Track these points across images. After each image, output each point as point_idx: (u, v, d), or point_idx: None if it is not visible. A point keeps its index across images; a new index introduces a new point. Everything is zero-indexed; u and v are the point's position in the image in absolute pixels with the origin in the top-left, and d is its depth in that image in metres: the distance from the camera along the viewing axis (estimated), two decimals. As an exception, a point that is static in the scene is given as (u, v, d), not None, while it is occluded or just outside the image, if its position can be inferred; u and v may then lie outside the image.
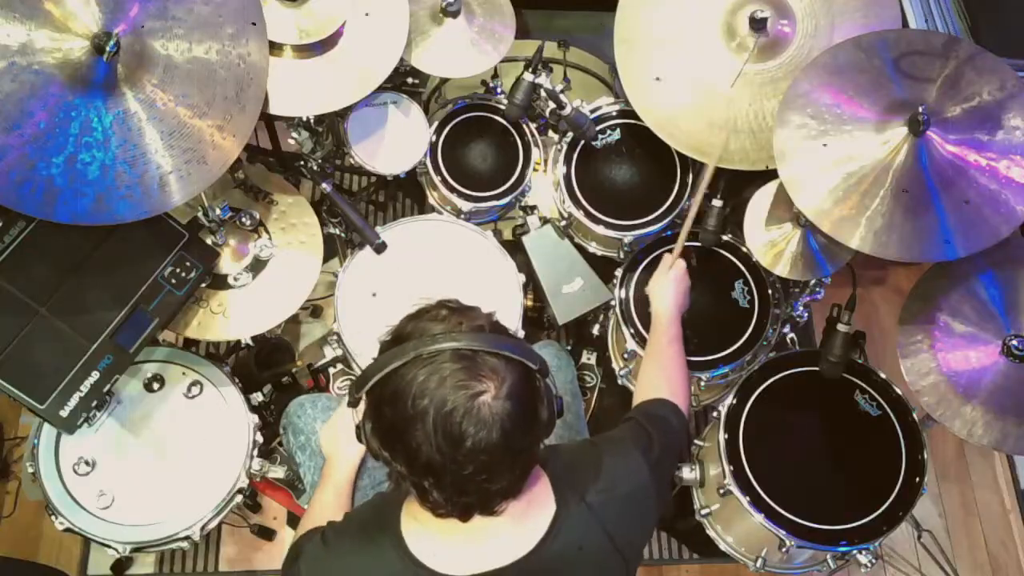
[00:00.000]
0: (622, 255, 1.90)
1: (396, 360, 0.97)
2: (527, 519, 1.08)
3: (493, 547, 1.07)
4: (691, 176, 1.88)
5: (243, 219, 1.73)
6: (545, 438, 1.05)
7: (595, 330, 2.01)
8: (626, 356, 1.85)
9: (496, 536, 1.07)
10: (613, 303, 1.84)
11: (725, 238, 1.84)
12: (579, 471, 1.16)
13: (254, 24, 1.46)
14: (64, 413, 1.44)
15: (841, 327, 1.62)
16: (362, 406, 1.04)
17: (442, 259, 1.80)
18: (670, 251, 1.73)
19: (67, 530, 1.54)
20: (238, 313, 1.68)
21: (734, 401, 1.68)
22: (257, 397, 1.75)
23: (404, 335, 1.02)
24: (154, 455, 1.61)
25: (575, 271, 1.86)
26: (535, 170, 1.93)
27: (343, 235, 1.99)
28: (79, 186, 1.30)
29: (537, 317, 2.20)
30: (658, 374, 1.50)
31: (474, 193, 1.88)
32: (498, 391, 0.96)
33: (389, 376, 0.98)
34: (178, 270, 1.56)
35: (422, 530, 1.07)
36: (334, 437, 1.49)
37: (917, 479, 1.60)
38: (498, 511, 1.04)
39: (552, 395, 1.06)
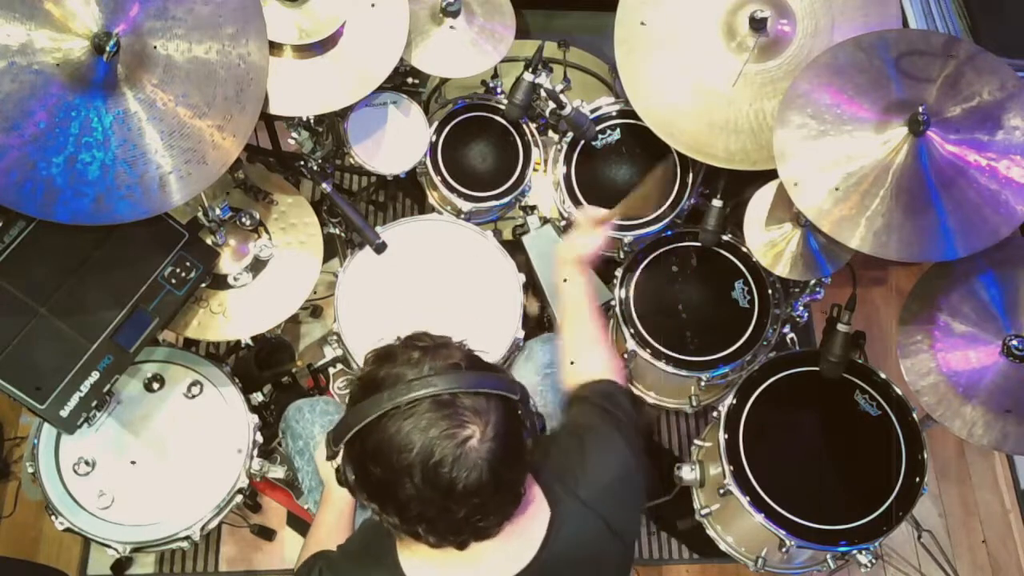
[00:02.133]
0: (622, 255, 1.90)
1: (373, 412, 0.94)
2: (524, 530, 1.07)
3: (494, 564, 1.06)
4: (691, 176, 1.87)
5: (243, 219, 1.73)
6: (533, 461, 1.04)
7: (595, 330, 2.01)
8: (626, 356, 1.85)
9: (495, 554, 1.06)
10: (613, 303, 1.84)
11: (725, 238, 1.84)
12: (567, 470, 1.15)
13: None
14: (64, 413, 1.44)
15: (841, 327, 1.62)
16: (341, 456, 1.01)
17: (442, 259, 1.80)
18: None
19: (67, 530, 1.54)
20: (238, 313, 1.68)
21: (734, 401, 1.68)
22: (257, 397, 1.75)
23: (377, 382, 0.98)
24: (154, 455, 1.61)
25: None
26: (535, 170, 1.93)
27: (343, 235, 1.99)
28: (79, 186, 1.30)
29: (537, 317, 2.20)
30: (589, 350, 1.38)
31: (474, 193, 1.88)
32: (483, 433, 0.94)
33: (368, 429, 0.95)
34: (178, 270, 1.56)
35: (419, 559, 1.06)
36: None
37: (917, 479, 1.60)
38: (493, 535, 1.03)
39: (534, 418, 1.04)
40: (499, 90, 1.98)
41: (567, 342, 1.43)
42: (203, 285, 1.63)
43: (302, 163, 1.85)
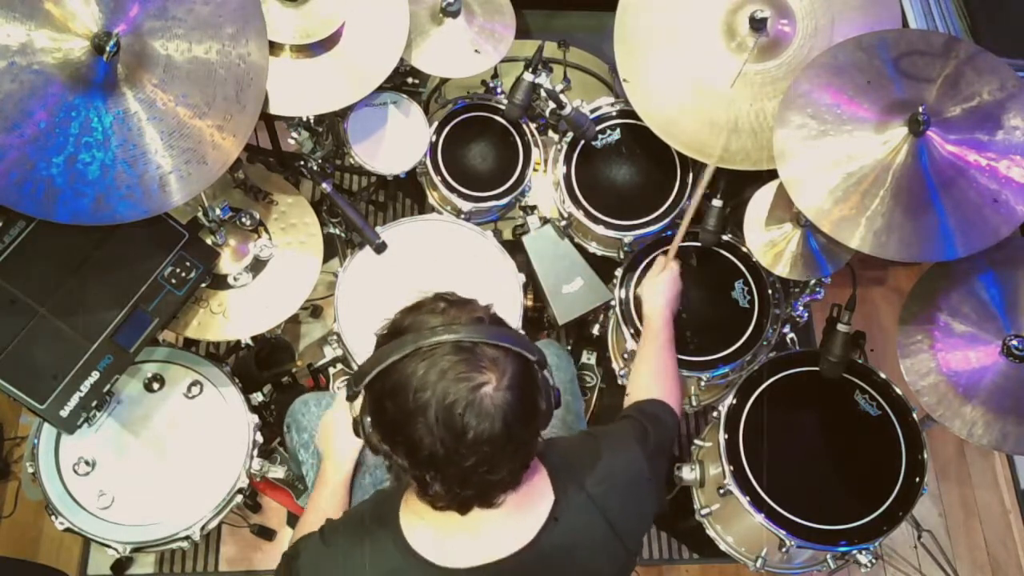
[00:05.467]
0: (622, 255, 1.90)
1: (395, 353, 0.97)
2: (526, 510, 1.08)
3: (492, 539, 1.07)
4: (691, 176, 1.87)
5: (243, 219, 1.73)
6: (543, 429, 1.06)
7: (595, 330, 2.01)
8: (626, 356, 1.85)
9: (495, 528, 1.07)
10: (613, 303, 1.84)
11: (725, 238, 1.84)
12: (578, 461, 1.16)
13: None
14: (64, 413, 1.45)
15: (841, 327, 1.62)
16: (360, 400, 1.04)
17: (442, 259, 1.80)
18: (665, 252, 1.73)
19: (67, 530, 1.54)
20: (238, 313, 1.68)
21: (734, 401, 1.68)
22: (257, 397, 1.75)
23: (402, 328, 1.02)
24: (154, 455, 1.61)
25: (575, 271, 1.86)
26: (535, 170, 1.93)
27: (343, 235, 1.99)
28: (79, 186, 1.30)
29: (537, 317, 2.20)
30: (649, 378, 1.50)
31: (474, 193, 1.88)
32: (499, 382, 0.96)
33: (389, 370, 0.98)
34: (178, 270, 1.57)
35: (421, 524, 1.08)
36: (330, 433, 1.48)
37: (917, 479, 1.60)
38: (497, 503, 1.04)
39: (550, 387, 1.06)
40: (499, 90, 1.98)
41: (636, 370, 1.55)
42: (203, 285, 1.63)
43: (302, 163, 1.85)
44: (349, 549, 1.11)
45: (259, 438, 1.67)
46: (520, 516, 1.08)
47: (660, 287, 1.66)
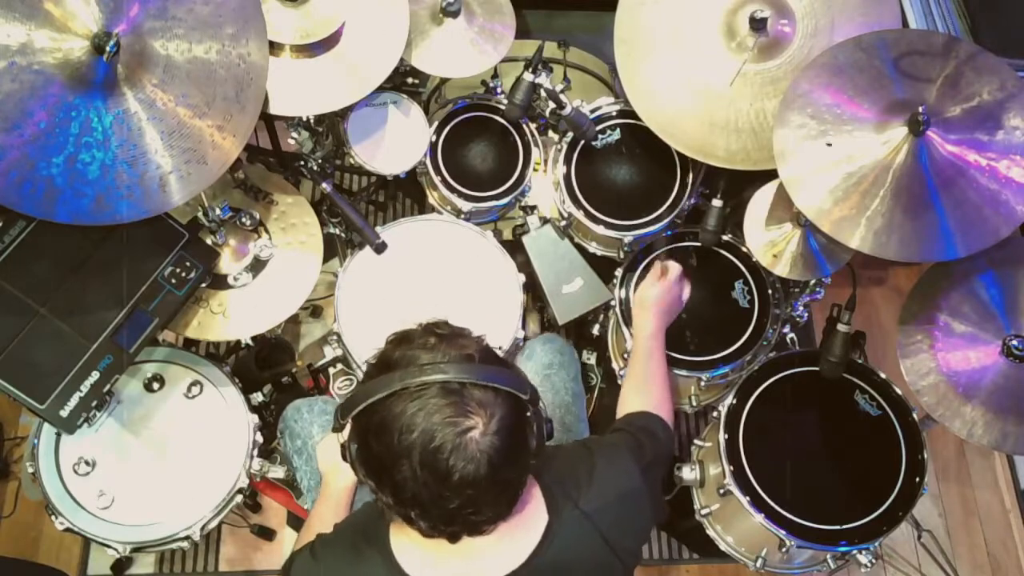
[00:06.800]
0: (622, 255, 1.90)
1: (382, 390, 0.96)
2: (518, 532, 1.07)
3: (484, 561, 1.06)
4: (691, 176, 1.87)
5: (243, 219, 1.73)
6: (533, 465, 1.04)
7: (595, 330, 2.01)
8: (626, 356, 1.85)
9: (487, 551, 1.06)
10: (613, 303, 1.84)
11: (725, 238, 1.84)
12: (572, 477, 1.15)
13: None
14: (64, 413, 1.44)
15: (841, 327, 1.62)
16: (347, 430, 1.03)
17: (442, 259, 1.80)
18: (659, 258, 1.72)
19: (67, 530, 1.54)
20: (238, 313, 1.68)
21: (734, 401, 1.68)
22: (257, 397, 1.75)
23: (391, 362, 1.00)
24: (154, 455, 1.61)
25: (575, 271, 1.86)
26: (535, 170, 1.93)
27: (343, 235, 1.99)
28: (79, 186, 1.30)
29: (537, 317, 2.20)
30: (639, 388, 1.48)
31: (474, 193, 1.88)
32: (487, 426, 0.94)
33: (375, 407, 0.96)
34: (178, 270, 1.57)
35: (411, 545, 1.07)
36: (331, 453, 1.47)
37: (917, 479, 1.60)
38: (487, 532, 1.03)
39: (542, 421, 1.05)
40: (499, 90, 1.98)
41: (626, 382, 1.53)
42: (203, 285, 1.63)
43: (302, 163, 1.85)
44: (338, 567, 1.11)
45: (259, 438, 1.67)
46: (513, 538, 1.07)
47: (650, 298, 1.63)
